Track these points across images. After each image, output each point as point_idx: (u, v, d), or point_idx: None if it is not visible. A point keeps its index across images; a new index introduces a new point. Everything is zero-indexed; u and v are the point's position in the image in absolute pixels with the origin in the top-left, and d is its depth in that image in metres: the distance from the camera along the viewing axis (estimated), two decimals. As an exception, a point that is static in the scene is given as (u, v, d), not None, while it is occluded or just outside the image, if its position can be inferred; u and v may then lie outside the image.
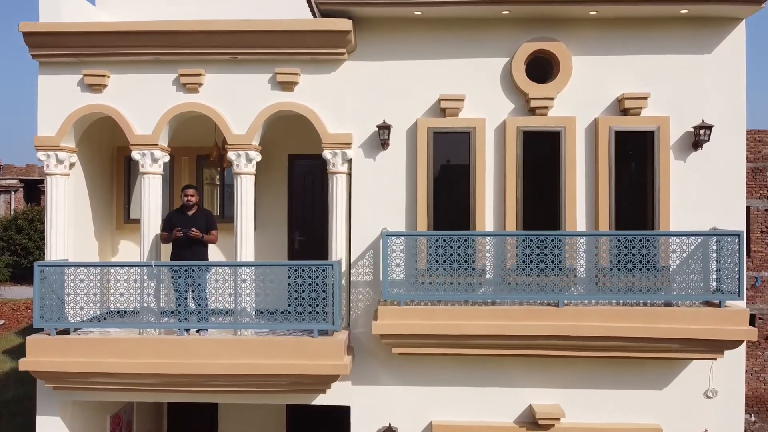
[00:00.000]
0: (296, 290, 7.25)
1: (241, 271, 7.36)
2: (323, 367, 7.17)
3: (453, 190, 7.86)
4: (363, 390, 7.90)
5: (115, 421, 9.61)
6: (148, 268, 7.45)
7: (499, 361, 7.74)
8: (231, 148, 7.92)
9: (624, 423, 7.72)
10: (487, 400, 7.82)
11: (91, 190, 9.05)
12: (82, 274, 7.46)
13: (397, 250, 7.29)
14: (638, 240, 7.11)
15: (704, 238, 7.16)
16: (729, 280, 7.08)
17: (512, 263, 7.28)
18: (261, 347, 7.30)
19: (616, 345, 7.18)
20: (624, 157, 7.71)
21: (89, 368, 7.31)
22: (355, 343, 7.93)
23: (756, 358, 20.69)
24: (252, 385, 7.38)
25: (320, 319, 7.25)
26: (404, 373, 7.87)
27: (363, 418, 7.89)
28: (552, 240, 7.16)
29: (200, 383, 7.40)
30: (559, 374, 7.76)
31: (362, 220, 7.94)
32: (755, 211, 21.98)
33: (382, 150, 7.91)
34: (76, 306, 7.46)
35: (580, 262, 7.24)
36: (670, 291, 7.26)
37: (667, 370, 7.71)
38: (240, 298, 7.35)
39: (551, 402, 7.77)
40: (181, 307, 7.42)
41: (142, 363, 7.29)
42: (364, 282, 7.97)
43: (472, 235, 7.29)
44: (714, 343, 7.12)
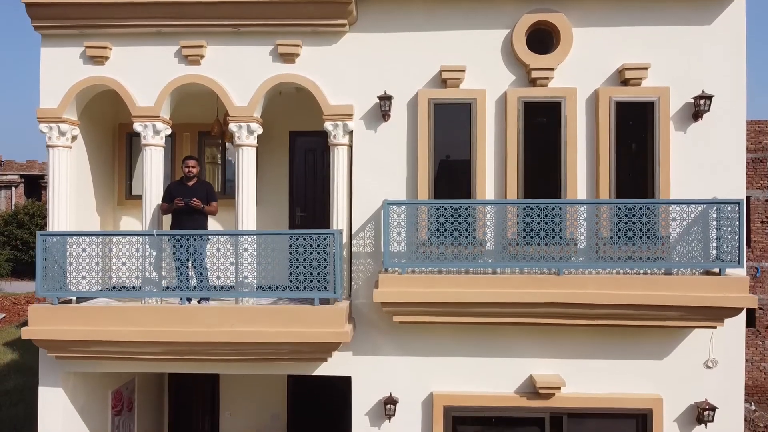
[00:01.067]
0: (297, 259, 7.28)
1: (243, 239, 7.39)
2: (324, 334, 7.19)
3: (454, 161, 7.88)
4: (364, 360, 7.92)
5: (117, 397, 9.64)
6: (149, 237, 7.47)
7: (499, 330, 7.76)
8: (232, 120, 7.94)
9: (624, 393, 7.74)
10: (487, 370, 7.83)
11: (93, 166, 9.09)
12: (84, 244, 7.48)
13: (398, 218, 7.31)
14: (638, 208, 7.12)
15: (704, 207, 7.17)
16: (729, 249, 7.10)
17: (513, 233, 7.30)
18: (262, 315, 7.32)
19: (616, 313, 7.19)
20: (624, 127, 7.73)
21: (91, 336, 7.33)
22: (356, 313, 7.95)
23: (756, 347, 20.72)
24: (253, 354, 7.40)
25: (321, 287, 7.27)
26: (405, 343, 7.89)
27: (364, 389, 7.91)
28: (552, 208, 7.18)
29: (202, 352, 7.42)
30: (560, 344, 7.78)
31: (363, 191, 7.96)
32: (755, 201, 21.99)
33: (383, 122, 7.93)
34: (78, 275, 7.48)
35: (580, 230, 7.26)
36: (671, 260, 7.27)
37: (667, 340, 7.73)
38: (242, 267, 7.37)
39: (552, 372, 7.79)
40: (182, 276, 7.45)
41: (143, 331, 7.31)
42: (365, 253, 7.99)
43: (473, 204, 7.31)
44: (714, 310, 7.13)
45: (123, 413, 9.85)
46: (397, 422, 7.85)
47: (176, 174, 9.42)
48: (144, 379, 10.54)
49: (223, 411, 11.46)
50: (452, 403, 7.76)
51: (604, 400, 7.70)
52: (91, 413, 8.80)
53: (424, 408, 7.87)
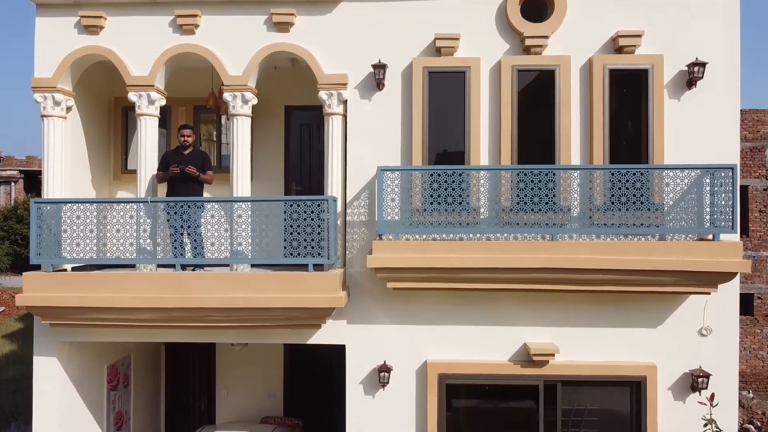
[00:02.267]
0: (292, 225, 7.29)
1: (237, 206, 7.39)
2: (319, 299, 7.20)
3: (448, 130, 7.88)
4: (358, 329, 7.93)
5: (112, 372, 9.64)
6: (144, 204, 7.48)
7: (493, 298, 7.77)
8: (227, 89, 7.95)
9: (619, 361, 7.74)
10: (482, 338, 7.84)
11: (89, 140, 9.09)
12: (79, 211, 7.49)
13: (392, 185, 7.31)
14: (632, 174, 7.13)
15: (698, 173, 7.17)
16: (722, 214, 7.10)
17: (507, 198, 7.30)
18: (257, 282, 7.33)
19: (610, 278, 7.20)
20: (618, 96, 7.73)
21: (86, 303, 7.34)
22: (350, 282, 7.95)
23: (754, 335, 20.71)
24: (248, 320, 7.41)
25: (315, 254, 7.28)
26: (399, 312, 7.90)
27: (358, 357, 7.92)
28: (546, 174, 7.18)
29: (196, 318, 7.43)
30: (554, 312, 7.79)
31: (358, 160, 7.96)
32: (753, 190, 21.97)
33: (378, 91, 7.94)
34: (73, 243, 7.49)
35: (574, 195, 7.26)
36: (665, 226, 7.27)
37: (661, 307, 7.73)
38: (236, 234, 7.37)
39: (546, 340, 7.79)
40: (177, 243, 7.46)
41: (138, 297, 7.32)
42: (360, 222, 7.99)
43: (467, 170, 7.31)
44: (708, 275, 7.13)
45: (119, 389, 9.86)
46: (392, 390, 7.85)
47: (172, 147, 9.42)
48: (140, 356, 10.55)
49: (219, 390, 11.48)
50: (446, 371, 7.76)
51: (598, 367, 7.70)
52: (87, 386, 8.81)
53: (418, 376, 7.87)
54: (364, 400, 7.89)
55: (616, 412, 7.79)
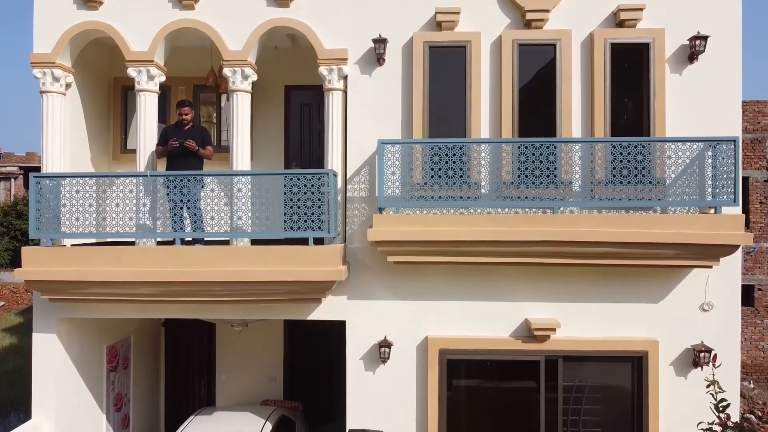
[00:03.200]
0: (292, 199, 7.26)
1: (237, 180, 7.36)
2: (319, 273, 7.16)
3: (449, 105, 7.84)
4: (359, 305, 7.89)
5: (112, 353, 9.61)
6: (143, 178, 7.44)
7: (494, 274, 7.74)
8: (227, 65, 7.92)
9: (620, 336, 7.71)
10: (483, 314, 7.80)
11: (88, 119, 9.08)
12: (78, 185, 7.46)
13: (392, 158, 7.28)
14: (633, 146, 7.10)
15: (700, 147, 7.13)
16: (725, 187, 7.07)
17: (508, 171, 7.27)
18: (257, 255, 7.30)
19: (611, 251, 7.16)
20: (620, 70, 7.70)
21: (84, 277, 7.30)
22: (351, 258, 7.92)
23: (755, 326, 20.67)
24: (248, 294, 7.37)
25: (316, 227, 7.25)
26: (400, 287, 7.87)
27: (359, 333, 7.88)
28: (547, 147, 7.15)
29: (196, 292, 7.39)
30: (555, 287, 7.75)
31: (358, 136, 7.93)
32: (754, 182, 21.94)
33: (378, 66, 7.91)
34: (72, 218, 7.46)
35: (575, 169, 7.23)
36: (666, 200, 7.24)
37: (662, 282, 7.70)
38: (236, 208, 7.34)
39: (547, 316, 7.76)
40: (176, 218, 7.43)
41: (137, 271, 7.29)
42: (360, 198, 7.96)
43: (468, 143, 7.28)
44: (709, 248, 7.10)
45: (118, 370, 9.83)
46: (392, 366, 7.82)
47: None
48: (139, 339, 10.52)
49: (219, 374, 11.45)
50: (447, 346, 7.73)
51: (600, 342, 7.66)
52: (86, 364, 8.78)
53: (418, 352, 7.84)
54: (365, 376, 7.86)
55: (617, 387, 7.75)
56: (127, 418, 10.14)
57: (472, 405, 7.87)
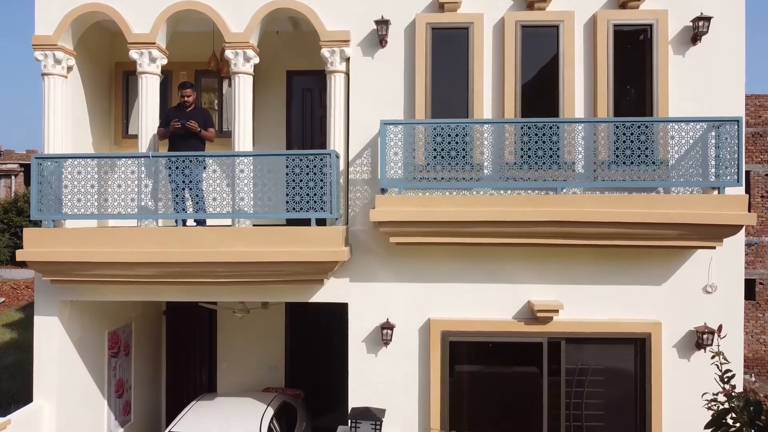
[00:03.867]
0: (294, 180, 7.24)
1: (239, 161, 7.34)
2: (322, 253, 7.14)
3: (451, 87, 7.82)
4: (361, 287, 7.87)
5: (113, 338, 9.60)
6: (145, 159, 7.43)
7: (497, 256, 7.72)
8: (229, 47, 7.90)
9: (623, 318, 7.69)
10: (485, 296, 7.78)
11: (90, 104, 9.05)
12: (80, 167, 7.45)
13: (395, 138, 7.26)
14: (636, 126, 7.08)
15: (703, 128, 7.11)
16: (728, 167, 7.06)
17: (510, 152, 7.25)
18: (259, 236, 7.28)
19: (614, 232, 7.14)
20: (622, 52, 7.68)
21: (86, 258, 7.28)
22: (353, 240, 7.90)
23: (756, 320, 20.66)
24: (250, 275, 7.35)
25: (318, 208, 7.23)
26: (402, 269, 7.85)
27: (361, 315, 7.86)
28: (550, 127, 7.13)
29: (198, 274, 7.37)
30: (558, 269, 7.73)
31: (360, 118, 7.91)
32: (755, 176, 21.94)
33: (381, 48, 7.89)
34: (74, 198, 7.45)
35: (578, 149, 7.21)
36: (669, 180, 7.22)
37: (665, 264, 7.68)
38: (238, 189, 7.32)
39: (550, 298, 7.73)
40: (178, 198, 7.41)
41: (139, 252, 7.27)
42: (362, 180, 7.94)
43: (470, 123, 7.27)
44: (713, 228, 7.08)
45: (120, 356, 9.81)
46: (394, 349, 7.80)
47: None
48: (141, 326, 10.50)
49: (221, 363, 11.43)
50: (449, 328, 7.71)
51: (603, 324, 7.65)
52: (88, 349, 8.76)
53: (421, 334, 7.82)
54: (367, 359, 7.84)
55: (620, 370, 7.73)
56: (128, 404, 10.12)
57: (475, 387, 7.85)
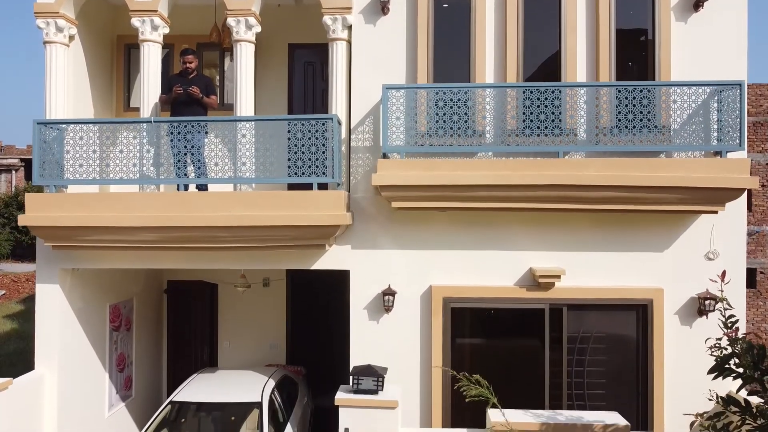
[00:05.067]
0: (296, 145, 7.24)
1: (241, 126, 7.35)
2: (324, 217, 7.14)
3: (453, 54, 7.82)
4: (363, 254, 7.87)
5: (115, 312, 9.59)
6: (147, 124, 7.43)
7: (499, 222, 7.72)
8: (231, 14, 7.90)
9: (625, 285, 7.68)
10: (487, 263, 7.78)
11: (92, 77, 9.04)
12: (82, 132, 7.45)
13: (397, 103, 7.26)
14: (638, 90, 7.09)
15: (705, 92, 7.11)
16: (730, 131, 7.05)
17: (512, 116, 7.25)
18: (261, 200, 7.28)
19: (616, 196, 7.13)
20: (625, 18, 7.68)
21: (88, 222, 7.29)
22: (355, 207, 7.89)
23: (757, 308, 20.68)
24: (253, 240, 7.34)
25: (320, 173, 7.23)
26: (404, 237, 7.84)
27: (362, 282, 7.85)
28: (552, 91, 7.13)
29: (200, 238, 7.37)
30: (560, 236, 7.73)
31: (362, 86, 7.91)
32: (756, 165, 21.97)
33: (383, 15, 7.89)
34: (76, 164, 7.45)
35: (580, 113, 7.22)
36: (672, 144, 7.22)
37: (667, 231, 7.68)
38: (240, 154, 7.33)
39: (552, 265, 7.73)
40: (180, 164, 7.41)
41: (140, 216, 7.27)
42: (364, 147, 7.94)
43: (472, 87, 7.26)
44: (715, 192, 7.07)
45: (121, 330, 9.80)
46: (396, 316, 7.80)
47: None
48: (142, 302, 10.50)
49: (222, 341, 11.44)
50: (451, 294, 7.70)
51: (604, 291, 7.64)
52: (89, 321, 8.75)
53: (423, 301, 7.81)
54: (369, 326, 7.83)
55: (622, 336, 7.72)
56: (129, 379, 10.12)
57: (476, 354, 7.84)
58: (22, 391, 7.66)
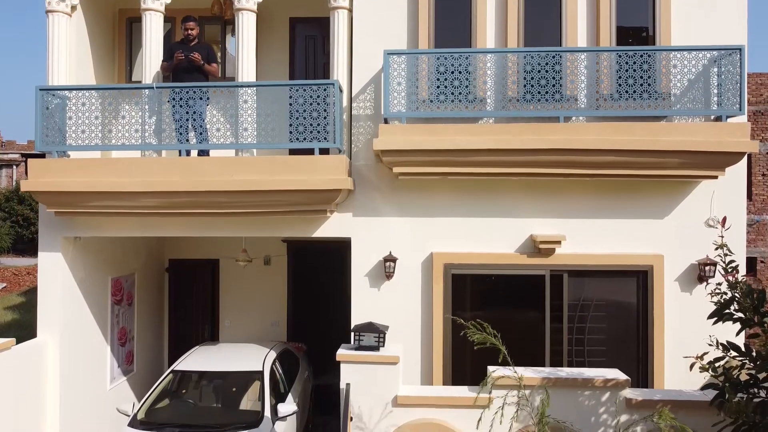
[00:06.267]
0: (297, 110, 7.28)
1: (243, 91, 7.38)
2: (325, 181, 7.17)
3: (454, 19, 7.84)
4: (364, 221, 7.89)
5: (116, 285, 9.62)
6: (149, 90, 7.46)
7: (500, 189, 7.74)
8: (232, -17, 7.94)
9: (625, 252, 7.70)
10: (488, 230, 7.80)
11: (94, 50, 9.06)
12: (84, 98, 7.48)
13: (398, 69, 7.29)
14: (639, 55, 7.11)
15: (705, 56, 7.14)
16: (730, 95, 7.08)
17: (514, 84, 7.29)
18: (263, 165, 7.31)
19: (616, 160, 7.16)
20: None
21: (90, 187, 7.32)
22: (356, 175, 7.91)
23: (758, 296, 20.64)
24: (254, 206, 7.37)
25: (321, 138, 7.27)
26: (405, 204, 7.87)
27: (364, 249, 7.87)
28: (553, 56, 7.16)
29: (201, 204, 7.40)
30: (561, 204, 7.75)
31: (363, 55, 7.93)
32: (757, 154, 21.95)
33: (384, -18, 7.92)
34: (78, 129, 7.48)
35: (581, 78, 7.24)
36: (672, 109, 7.25)
37: (667, 198, 7.70)
38: (241, 120, 7.36)
39: (553, 232, 7.75)
40: (182, 129, 7.44)
41: (142, 181, 7.30)
42: (366, 116, 7.97)
43: (473, 52, 7.29)
44: (715, 156, 7.10)
45: (123, 305, 9.83)
46: (397, 282, 7.82)
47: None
48: (144, 278, 10.54)
49: (223, 320, 11.47)
50: (452, 261, 7.72)
51: (605, 257, 7.66)
52: (91, 293, 8.78)
53: (424, 268, 7.83)
54: (369, 293, 7.85)
55: (622, 303, 7.74)
56: (131, 354, 10.15)
57: (477, 320, 7.84)
58: (25, 356, 7.70)
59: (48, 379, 8.07)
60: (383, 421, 6.07)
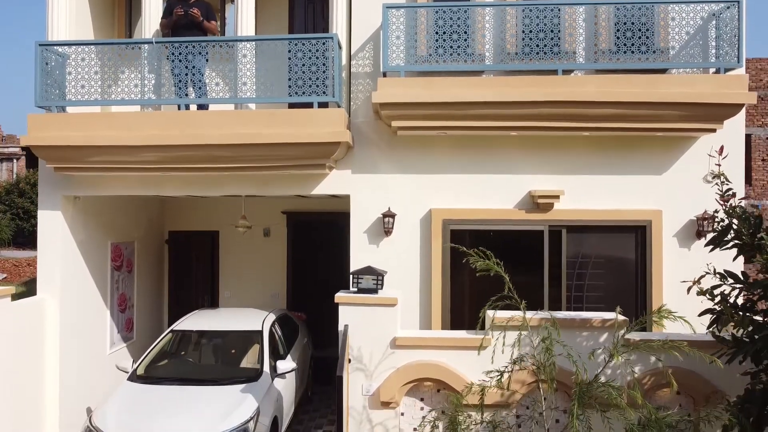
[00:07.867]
0: (297, 65, 7.29)
1: (242, 46, 7.39)
2: (325, 134, 7.18)
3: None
4: (363, 178, 7.90)
5: (116, 251, 9.63)
6: (149, 46, 7.48)
7: (499, 145, 7.75)
8: (232, -58, 7.96)
9: (624, 208, 7.71)
10: (487, 187, 7.80)
11: (93, 9, 9.04)
12: (83, 53, 7.50)
13: (397, 23, 7.30)
14: (637, 8, 7.13)
15: (704, 9, 7.15)
16: (728, 47, 7.09)
17: (512, 39, 7.30)
18: (262, 119, 7.33)
19: (615, 113, 7.16)
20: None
21: (89, 141, 7.34)
22: (355, 133, 7.92)
23: (758, 280, 20.61)
24: (252, 160, 7.38)
25: (320, 92, 7.28)
26: (404, 161, 7.88)
27: (363, 206, 7.88)
28: (552, 9, 7.18)
29: (200, 158, 7.41)
30: (560, 160, 7.75)
31: (362, 12, 7.92)
32: (756, 139, 21.97)
33: (382, -59, 7.93)
34: (78, 85, 7.50)
35: (579, 32, 7.26)
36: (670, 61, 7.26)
37: (666, 154, 7.71)
38: (240, 74, 7.37)
39: (551, 188, 7.76)
40: (181, 84, 7.45)
41: (141, 135, 7.31)
42: (364, 73, 7.98)
43: (471, 6, 7.30)
44: (713, 108, 7.10)
45: (122, 271, 9.84)
46: (396, 238, 7.83)
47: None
48: (143, 248, 10.55)
49: (223, 291, 11.49)
50: (451, 217, 7.73)
51: (603, 212, 7.67)
52: (91, 256, 8.79)
53: (422, 224, 7.84)
54: (369, 249, 7.86)
55: (621, 258, 7.75)
56: (131, 321, 10.16)
57: (475, 276, 7.84)
58: (24, 313, 7.70)
59: (48, 339, 8.05)
60: (384, 362, 6.08)
